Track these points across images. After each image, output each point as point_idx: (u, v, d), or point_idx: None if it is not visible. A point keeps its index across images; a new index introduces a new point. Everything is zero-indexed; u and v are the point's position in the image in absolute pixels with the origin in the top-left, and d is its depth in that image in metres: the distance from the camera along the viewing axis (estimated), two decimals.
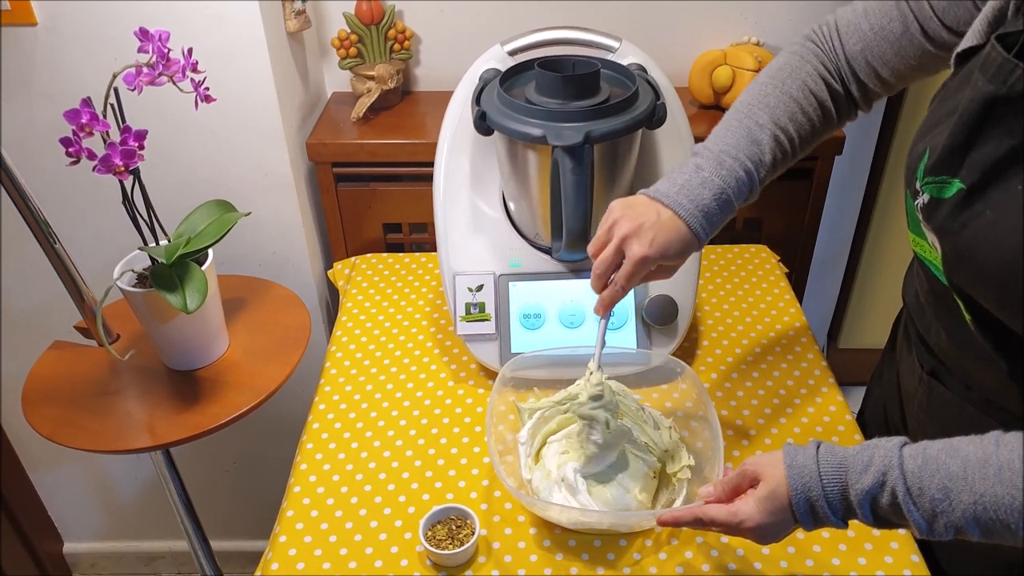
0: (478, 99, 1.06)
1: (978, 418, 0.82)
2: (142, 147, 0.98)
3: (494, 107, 1.03)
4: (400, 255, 1.44)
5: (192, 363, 1.17)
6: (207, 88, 1.02)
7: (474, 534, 0.92)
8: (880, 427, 1.06)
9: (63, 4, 1.22)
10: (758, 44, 1.48)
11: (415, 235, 1.52)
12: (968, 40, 0.74)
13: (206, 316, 1.14)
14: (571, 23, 1.13)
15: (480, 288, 1.13)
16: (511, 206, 1.15)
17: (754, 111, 0.87)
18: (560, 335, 1.13)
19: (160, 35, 0.96)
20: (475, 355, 1.15)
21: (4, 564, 1.74)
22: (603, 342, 0.91)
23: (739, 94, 0.91)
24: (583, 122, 0.97)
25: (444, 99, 1.17)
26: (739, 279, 1.36)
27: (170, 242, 1.09)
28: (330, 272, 1.46)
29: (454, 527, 0.93)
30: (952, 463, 0.66)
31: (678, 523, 0.80)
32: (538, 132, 0.97)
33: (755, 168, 0.85)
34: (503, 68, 1.10)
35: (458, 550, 0.90)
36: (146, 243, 1.09)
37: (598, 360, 0.91)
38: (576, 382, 0.95)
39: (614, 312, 0.97)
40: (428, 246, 1.53)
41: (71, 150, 0.94)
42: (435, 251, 1.21)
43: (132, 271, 1.11)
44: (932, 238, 0.75)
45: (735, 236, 1.53)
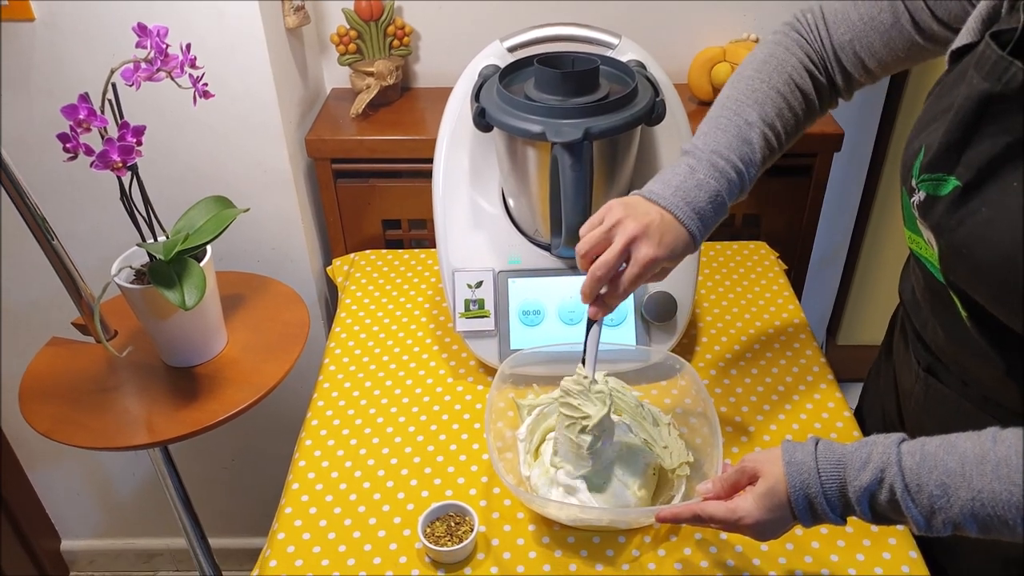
0: (477, 95, 1.06)
1: (975, 414, 0.82)
2: (140, 143, 0.98)
3: (493, 103, 1.02)
4: (399, 251, 1.43)
5: (190, 360, 1.17)
6: (205, 84, 1.02)
7: (473, 531, 0.92)
8: (878, 423, 1.07)
9: (61, 0, 1.21)
10: (757, 41, 1.48)
11: (414, 231, 1.52)
12: (963, 38, 0.74)
13: (204, 312, 1.14)
14: (571, 19, 1.13)
15: (479, 284, 1.13)
16: (510, 202, 1.15)
17: (743, 108, 0.86)
18: (559, 331, 1.13)
19: (158, 31, 0.96)
20: (474, 351, 1.15)
21: (2, 561, 1.74)
22: (596, 350, 0.88)
23: None
24: (582, 118, 0.97)
25: (443, 95, 1.17)
26: (738, 276, 1.36)
27: (168, 238, 1.09)
28: (329, 268, 1.46)
29: (453, 524, 0.93)
30: (950, 459, 0.66)
31: (677, 520, 0.81)
32: (537, 128, 0.97)
33: (746, 168, 0.85)
34: (502, 64, 1.10)
35: (457, 547, 0.90)
36: (144, 239, 1.09)
37: (593, 368, 0.88)
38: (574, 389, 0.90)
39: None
40: (427, 242, 1.53)
41: (69, 146, 0.94)
42: (434, 247, 1.21)
43: (130, 267, 1.11)
44: (928, 235, 0.75)
45: (734, 233, 1.53)
